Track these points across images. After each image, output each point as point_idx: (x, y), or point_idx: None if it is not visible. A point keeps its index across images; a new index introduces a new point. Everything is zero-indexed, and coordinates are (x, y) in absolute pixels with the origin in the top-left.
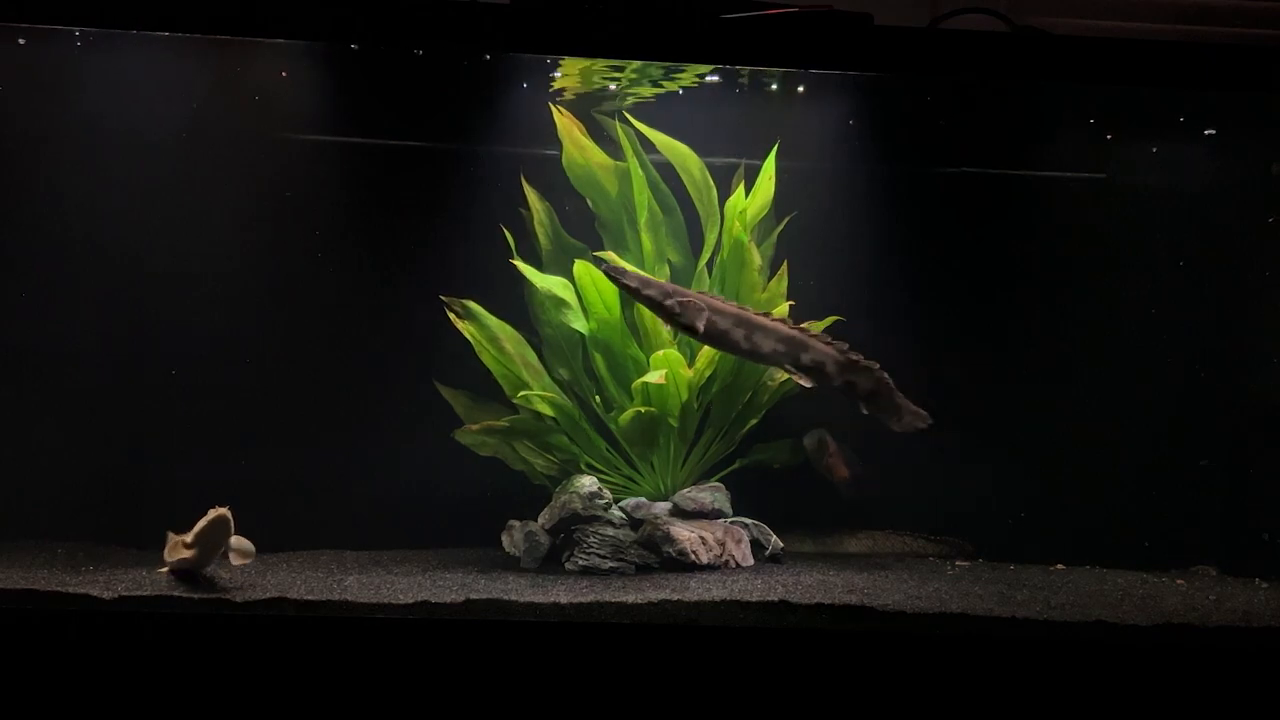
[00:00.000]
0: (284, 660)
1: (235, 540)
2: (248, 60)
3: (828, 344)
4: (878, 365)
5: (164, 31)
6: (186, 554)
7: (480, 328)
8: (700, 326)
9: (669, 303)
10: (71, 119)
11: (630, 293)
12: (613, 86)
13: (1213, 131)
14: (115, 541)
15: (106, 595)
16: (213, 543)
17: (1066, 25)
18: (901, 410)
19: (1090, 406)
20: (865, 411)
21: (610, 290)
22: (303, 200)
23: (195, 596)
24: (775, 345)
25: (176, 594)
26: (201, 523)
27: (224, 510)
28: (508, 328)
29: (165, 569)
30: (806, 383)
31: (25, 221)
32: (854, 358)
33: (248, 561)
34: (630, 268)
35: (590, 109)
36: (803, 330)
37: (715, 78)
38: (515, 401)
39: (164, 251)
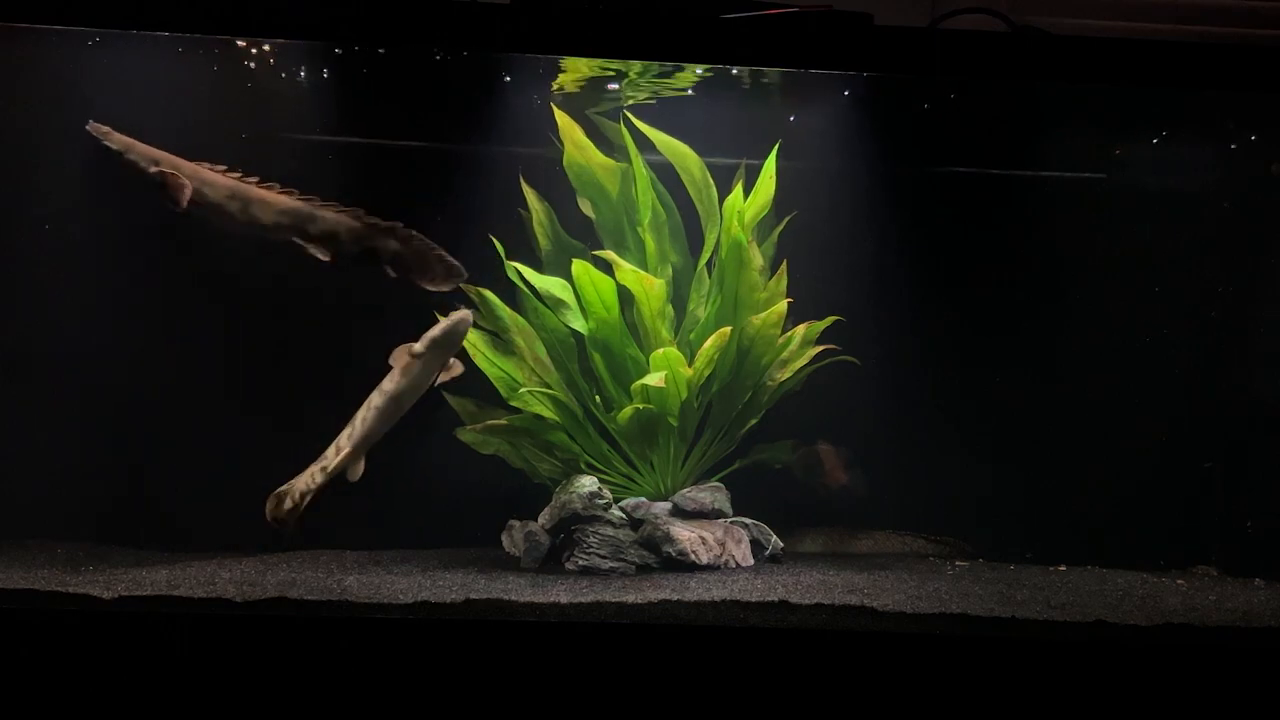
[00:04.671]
0: (284, 660)
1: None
2: (248, 60)
3: (340, 212)
4: (401, 225)
5: (163, 31)
6: (413, 363)
7: (491, 320)
8: (183, 200)
9: (152, 170)
10: (71, 119)
11: (116, 158)
12: (612, 86)
13: (1213, 131)
14: (115, 541)
15: (106, 595)
16: (447, 347)
17: (1067, 25)
18: (433, 266)
19: (1091, 406)
20: (393, 275)
21: (609, 290)
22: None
23: (195, 596)
24: (277, 217)
25: (176, 594)
26: (443, 324)
27: (466, 312)
28: (520, 319)
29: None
30: (322, 256)
31: (25, 221)
32: (371, 221)
33: (455, 375)
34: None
35: (587, 109)
36: (309, 200)
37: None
38: (512, 403)
39: (163, 251)
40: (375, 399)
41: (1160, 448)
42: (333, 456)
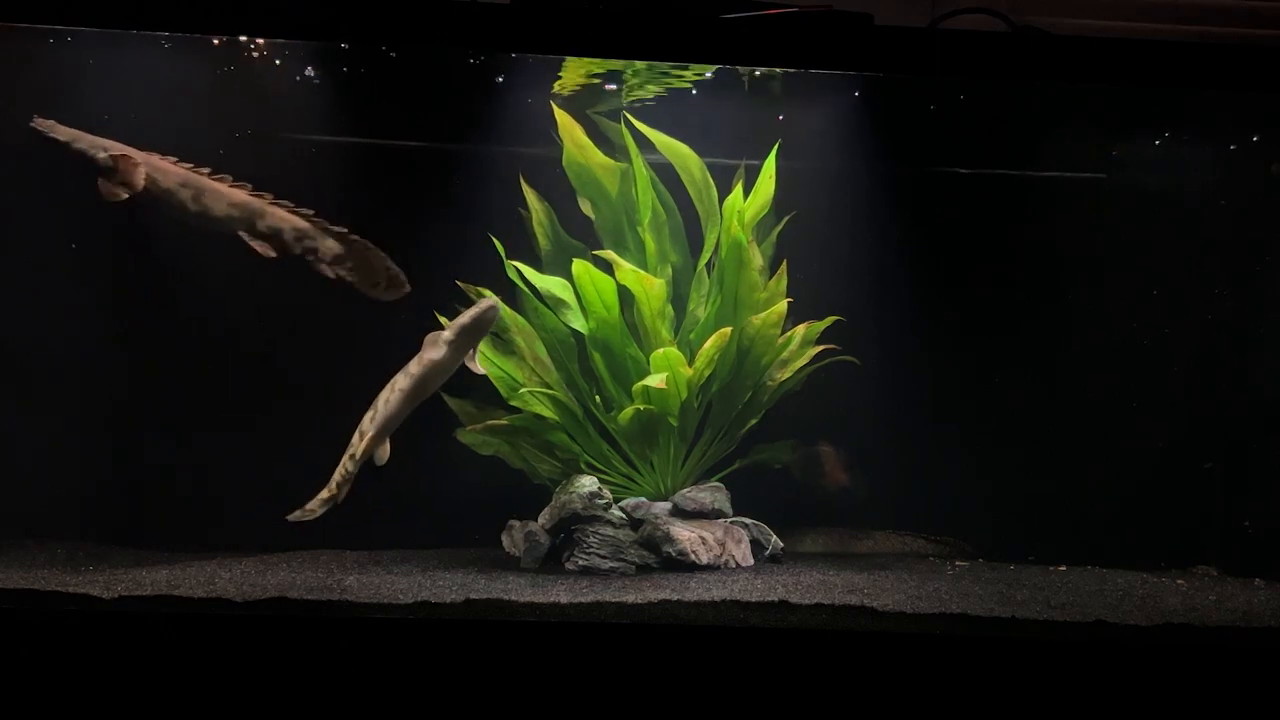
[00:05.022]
0: (284, 660)
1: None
2: (247, 59)
3: (293, 212)
4: (349, 230)
5: (163, 31)
6: (443, 348)
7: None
8: (138, 181)
9: (101, 156)
10: (67, 117)
11: (64, 150)
12: (610, 86)
13: (1212, 131)
14: (115, 541)
15: (106, 595)
16: (474, 334)
17: (1067, 25)
18: (377, 274)
19: (1091, 406)
20: (333, 276)
21: (610, 290)
22: (303, 200)
23: (195, 596)
24: (228, 210)
25: (176, 594)
26: (472, 311)
27: (494, 300)
28: (520, 319)
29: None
30: (267, 251)
31: (24, 221)
32: (317, 222)
33: (480, 370)
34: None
35: (586, 109)
36: (261, 196)
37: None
38: (512, 403)
39: (163, 251)
40: (400, 381)
41: (1160, 448)
42: (357, 443)
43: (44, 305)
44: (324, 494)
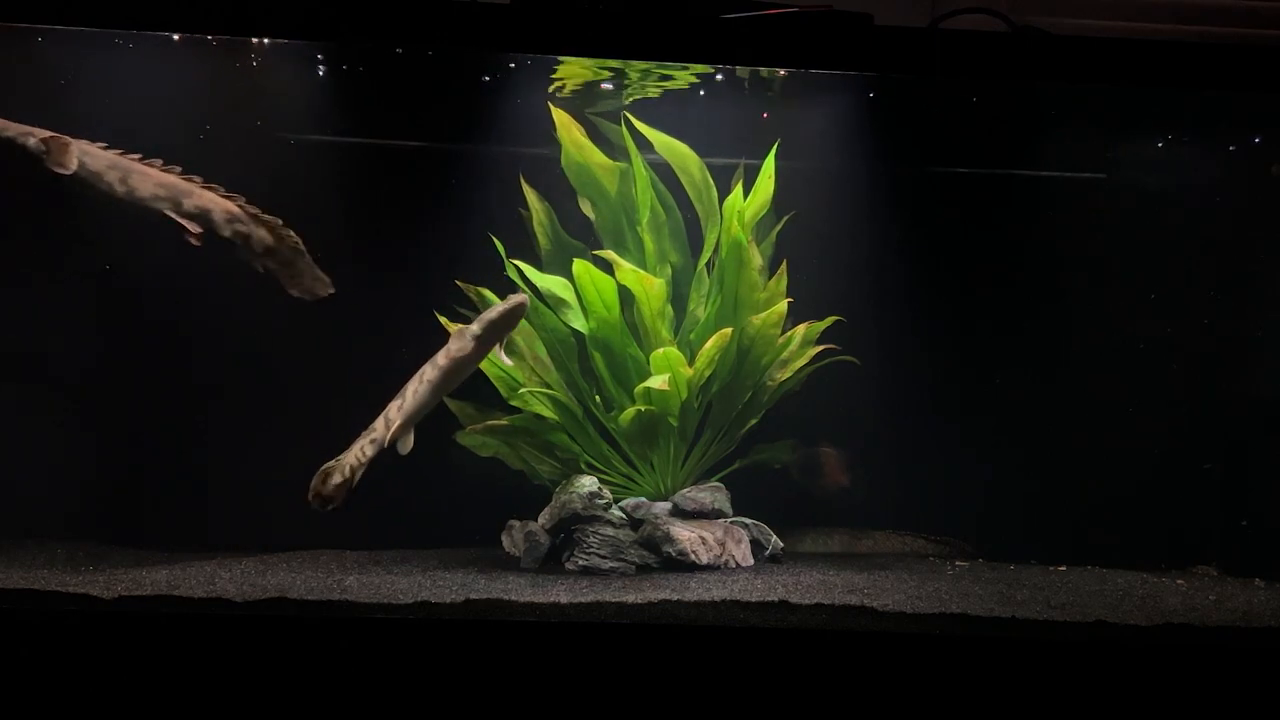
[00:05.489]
0: (284, 660)
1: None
2: (247, 59)
3: (225, 196)
4: (281, 222)
5: (162, 31)
6: (469, 342)
7: None
8: (70, 162)
9: (31, 142)
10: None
11: None
12: (606, 86)
13: (1213, 131)
14: (115, 541)
15: (106, 595)
16: (502, 329)
17: (1067, 25)
18: (301, 273)
19: (1091, 406)
20: (260, 269)
21: (610, 290)
22: (303, 200)
23: (195, 596)
24: (155, 189)
25: (176, 594)
26: (501, 307)
27: (523, 296)
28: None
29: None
30: (193, 229)
31: (23, 222)
32: (248, 209)
33: (509, 361)
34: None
35: (585, 109)
36: (191, 178)
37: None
38: (512, 403)
39: (161, 251)
40: (428, 372)
41: (1160, 447)
42: (382, 429)
43: (44, 305)
44: (338, 478)
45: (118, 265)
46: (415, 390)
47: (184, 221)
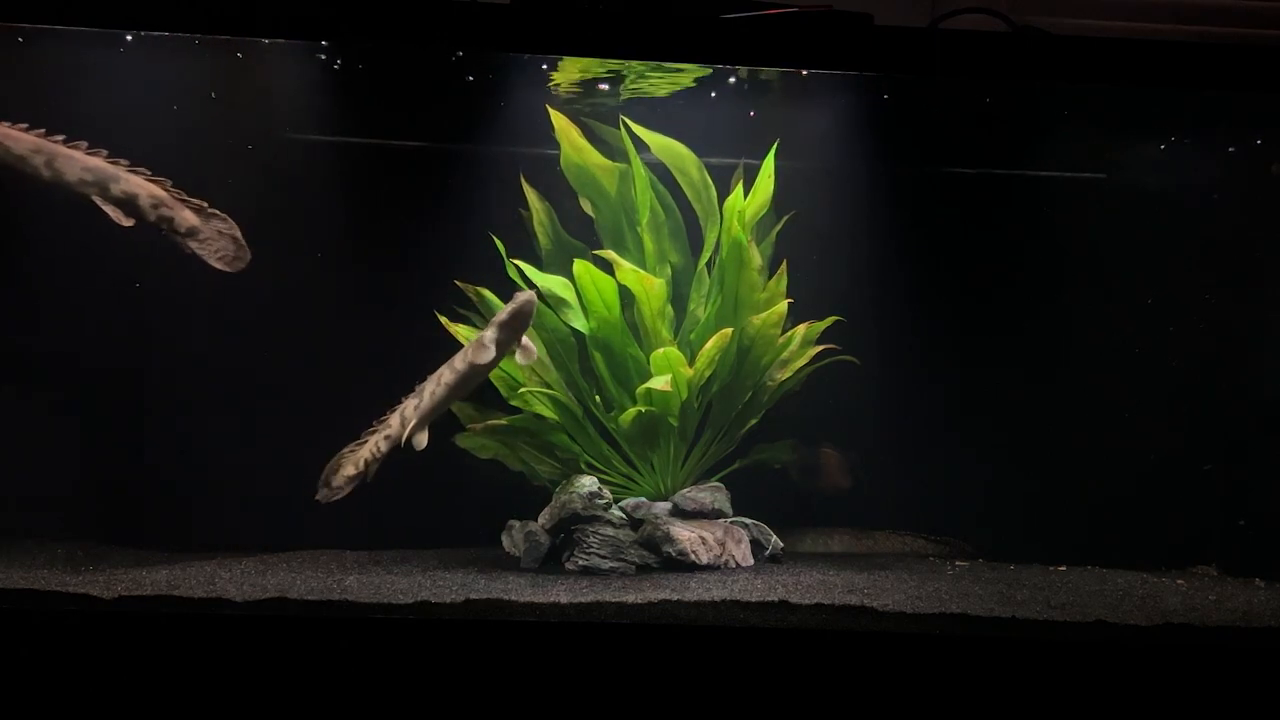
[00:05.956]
0: (284, 660)
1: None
2: (247, 59)
3: (150, 180)
4: (207, 205)
5: (162, 31)
6: (487, 346)
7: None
8: None
9: None
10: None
11: None
12: (603, 86)
13: (1213, 131)
14: (115, 541)
15: (106, 595)
16: (515, 327)
17: (1067, 25)
18: (224, 246)
19: (1091, 407)
20: (188, 252)
21: (610, 290)
22: (302, 200)
23: (195, 596)
24: (81, 174)
25: (176, 594)
26: (510, 307)
27: (531, 293)
28: None
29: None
30: (121, 218)
31: (22, 222)
32: (174, 192)
33: (530, 360)
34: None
35: (584, 110)
36: (118, 163)
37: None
38: (512, 403)
39: (162, 252)
40: (445, 374)
41: (1160, 447)
42: (398, 426)
43: (43, 305)
44: (350, 470)
45: (118, 265)
46: (432, 391)
47: (109, 209)
